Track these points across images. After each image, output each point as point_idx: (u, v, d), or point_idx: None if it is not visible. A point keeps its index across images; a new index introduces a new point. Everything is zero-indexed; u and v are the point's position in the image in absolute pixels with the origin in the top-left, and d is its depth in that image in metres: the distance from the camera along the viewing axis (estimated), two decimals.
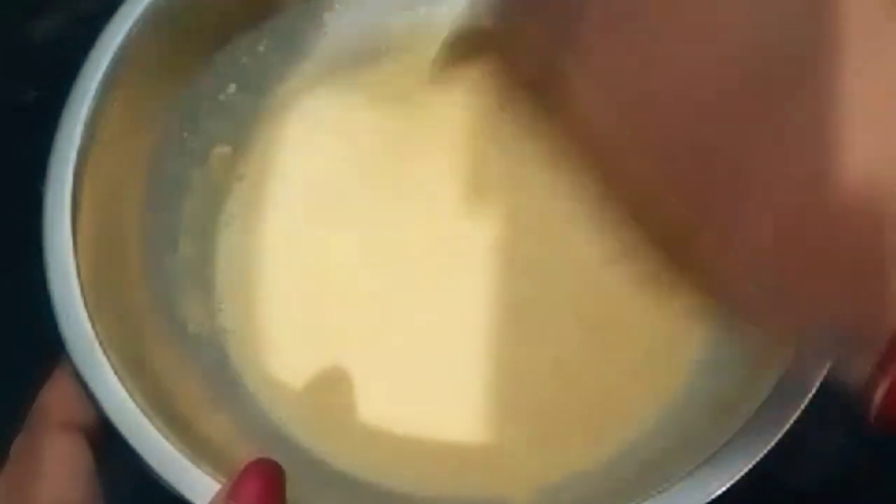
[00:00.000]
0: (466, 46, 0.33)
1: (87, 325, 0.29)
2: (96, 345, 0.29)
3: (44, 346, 0.29)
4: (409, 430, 0.33)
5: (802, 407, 0.28)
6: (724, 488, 0.27)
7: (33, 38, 0.45)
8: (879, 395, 0.22)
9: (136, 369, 0.29)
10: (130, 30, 0.33)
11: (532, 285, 0.35)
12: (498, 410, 0.34)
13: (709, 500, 0.27)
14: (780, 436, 0.27)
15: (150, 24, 0.33)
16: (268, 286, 0.36)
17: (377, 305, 0.35)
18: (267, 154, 0.37)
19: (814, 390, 0.28)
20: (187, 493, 0.27)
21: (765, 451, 0.27)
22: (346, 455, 0.33)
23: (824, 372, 0.28)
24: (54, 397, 0.29)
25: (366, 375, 0.34)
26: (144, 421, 0.28)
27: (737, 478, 0.27)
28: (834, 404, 0.27)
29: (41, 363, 0.29)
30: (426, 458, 0.33)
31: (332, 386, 0.34)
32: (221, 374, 0.34)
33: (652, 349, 0.34)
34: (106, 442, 0.28)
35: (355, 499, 0.32)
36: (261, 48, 0.37)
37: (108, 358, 0.29)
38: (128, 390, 0.28)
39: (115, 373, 0.28)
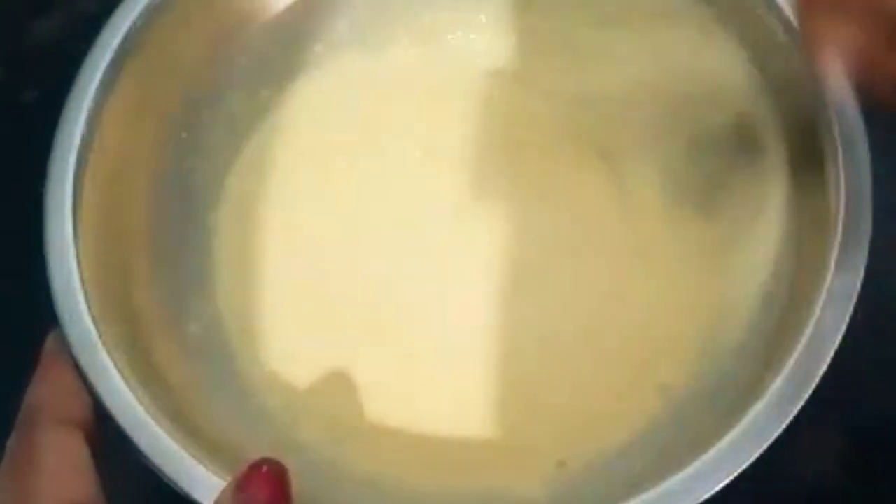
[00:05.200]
0: None
1: (90, 325, 0.29)
2: (99, 345, 0.29)
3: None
4: (416, 426, 0.33)
5: (802, 403, 0.28)
6: (722, 484, 0.27)
7: (33, 38, 0.45)
8: None
9: (140, 368, 0.30)
10: (130, 30, 0.33)
11: (540, 283, 0.36)
12: (508, 405, 0.34)
13: (709, 495, 0.27)
14: (779, 432, 0.27)
15: (150, 23, 0.33)
16: (271, 283, 0.36)
17: (384, 301, 0.35)
18: (266, 152, 0.37)
19: (814, 386, 0.28)
20: (193, 492, 0.27)
21: (763, 448, 0.27)
22: (354, 452, 0.33)
23: (824, 369, 0.28)
24: (45, 393, 0.28)
25: (372, 372, 0.34)
26: (149, 420, 0.28)
27: (735, 474, 0.27)
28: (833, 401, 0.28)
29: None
30: (435, 453, 0.33)
31: (340, 384, 0.34)
32: (227, 372, 0.34)
33: (656, 348, 0.34)
34: (101, 435, 0.28)
35: (365, 496, 0.32)
36: (260, 47, 0.37)
37: (112, 357, 0.29)
38: (132, 389, 0.28)
39: (119, 372, 0.28)
